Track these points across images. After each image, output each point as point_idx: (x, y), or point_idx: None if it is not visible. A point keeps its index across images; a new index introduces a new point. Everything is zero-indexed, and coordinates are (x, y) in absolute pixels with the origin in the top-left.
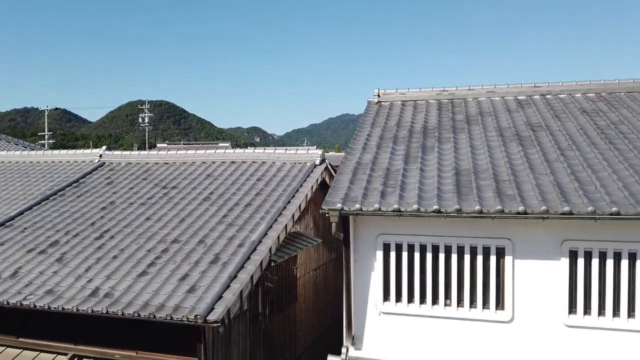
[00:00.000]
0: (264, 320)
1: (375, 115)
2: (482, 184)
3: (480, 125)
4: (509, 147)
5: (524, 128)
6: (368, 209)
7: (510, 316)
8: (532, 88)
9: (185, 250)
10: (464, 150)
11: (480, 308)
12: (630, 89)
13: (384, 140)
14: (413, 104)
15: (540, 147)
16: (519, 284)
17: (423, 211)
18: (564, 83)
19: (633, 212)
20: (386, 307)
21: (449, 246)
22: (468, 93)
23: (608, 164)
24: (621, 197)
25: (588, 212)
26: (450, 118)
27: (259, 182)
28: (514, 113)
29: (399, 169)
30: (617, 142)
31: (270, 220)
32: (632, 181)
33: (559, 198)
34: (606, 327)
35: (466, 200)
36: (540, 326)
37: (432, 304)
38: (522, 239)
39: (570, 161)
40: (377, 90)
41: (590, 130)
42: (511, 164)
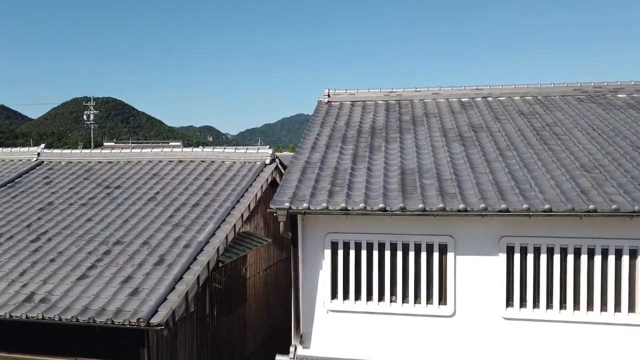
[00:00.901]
0: (212, 321)
1: (325, 115)
2: (425, 182)
3: (425, 125)
4: (451, 147)
5: (466, 129)
6: (316, 208)
7: (452, 311)
8: (474, 90)
9: (129, 252)
10: (410, 150)
11: (424, 303)
12: (564, 92)
13: (333, 139)
14: (362, 104)
15: (481, 148)
16: (460, 279)
17: (369, 210)
18: (504, 86)
19: (564, 209)
20: (334, 305)
21: (395, 244)
22: (415, 94)
23: (542, 163)
24: (553, 195)
25: (523, 210)
26: (397, 119)
27: (207, 182)
28: (458, 114)
29: (347, 168)
30: (551, 143)
31: (218, 220)
32: (563, 180)
33: (497, 196)
34: (541, 319)
35: (410, 199)
36: (480, 319)
37: (378, 301)
38: (463, 235)
39: (508, 161)
40: (327, 90)
41: (527, 132)
42: (453, 164)
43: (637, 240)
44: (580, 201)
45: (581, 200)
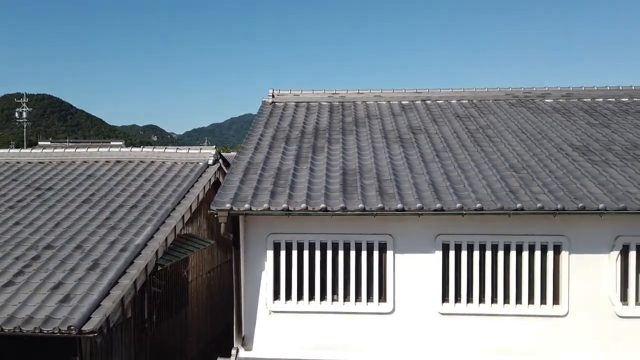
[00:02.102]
0: (150, 326)
1: (269, 115)
2: (366, 183)
3: (367, 127)
4: (391, 149)
5: (405, 131)
6: (257, 208)
7: (392, 307)
8: (414, 94)
9: (60, 257)
10: (352, 151)
11: (365, 301)
12: (497, 97)
13: (277, 140)
14: (306, 105)
15: (419, 149)
16: (399, 276)
17: (311, 210)
18: (442, 90)
19: (494, 207)
20: (276, 306)
21: (336, 243)
22: (358, 96)
23: (475, 164)
24: (485, 194)
25: (456, 209)
26: (340, 120)
27: (146, 183)
28: (398, 117)
29: (290, 169)
30: (484, 145)
31: (158, 223)
32: (494, 180)
33: (432, 196)
34: (474, 313)
35: (351, 199)
36: (417, 315)
37: (320, 300)
38: (401, 234)
39: (444, 162)
40: (271, 90)
41: (463, 134)
42: (393, 165)
43: (560, 237)
44: (509, 200)
45: (510, 199)
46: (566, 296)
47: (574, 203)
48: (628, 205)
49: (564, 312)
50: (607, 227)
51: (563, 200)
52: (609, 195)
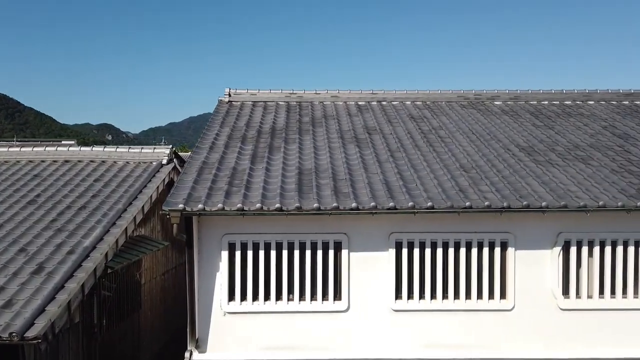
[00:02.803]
0: (100, 331)
1: (226, 114)
2: (322, 182)
3: (324, 127)
4: (347, 149)
5: (361, 131)
6: (211, 209)
7: (347, 305)
8: (370, 95)
9: (2, 261)
10: (308, 150)
11: (320, 300)
12: (449, 98)
13: (233, 139)
14: (263, 104)
15: (374, 149)
16: (354, 275)
17: (266, 210)
18: (397, 91)
19: (444, 206)
20: (231, 307)
21: (292, 243)
22: (315, 97)
23: (428, 164)
24: (436, 193)
25: (409, 207)
26: (297, 120)
27: (96, 183)
28: (354, 117)
29: (246, 168)
30: (436, 146)
31: (108, 224)
32: (445, 179)
33: (386, 195)
34: (426, 309)
35: (306, 199)
36: (371, 312)
37: (276, 300)
38: (356, 233)
39: (397, 162)
40: (228, 89)
41: (416, 135)
42: (348, 164)
43: (507, 234)
44: (458, 199)
45: (459, 198)
46: (512, 291)
47: (518, 201)
48: (568, 203)
49: (511, 306)
50: (550, 224)
51: (509, 198)
52: (551, 194)
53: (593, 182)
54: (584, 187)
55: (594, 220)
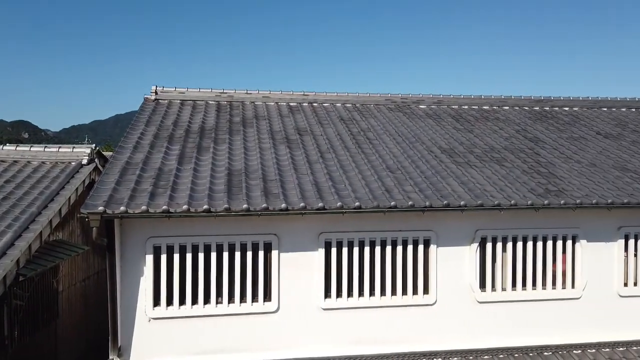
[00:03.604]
0: (11, 343)
1: (152, 113)
2: (251, 183)
3: (255, 127)
4: (278, 150)
5: (292, 132)
6: (135, 211)
7: (277, 306)
8: (302, 96)
9: None
10: (238, 151)
11: (250, 302)
12: (377, 101)
13: (159, 139)
14: (192, 103)
15: (305, 150)
16: (284, 275)
17: (193, 211)
18: (327, 93)
19: (371, 206)
20: (157, 313)
21: (221, 245)
22: (246, 96)
23: (356, 165)
24: (363, 193)
25: (337, 207)
26: (227, 120)
27: (7, 185)
28: (285, 118)
29: (172, 169)
30: (364, 147)
31: (20, 229)
32: (372, 180)
33: (315, 195)
34: (355, 307)
35: (236, 200)
36: (301, 312)
37: (204, 304)
38: (286, 233)
39: (327, 162)
40: (154, 87)
41: (345, 136)
42: (279, 165)
43: (430, 232)
44: (384, 199)
45: (385, 198)
46: (434, 286)
47: (439, 201)
48: (484, 202)
49: (433, 301)
50: (468, 221)
51: (431, 198)
52: (469, 193)
53: (506, 182)
54: (498, 187)
55: (507, 217)
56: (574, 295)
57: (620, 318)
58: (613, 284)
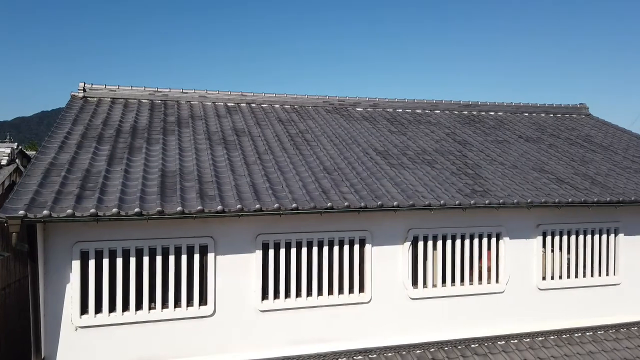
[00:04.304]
0: None
1: (79, 111)
2: (186, 185)
3: (190, 128)
4: (215, 150)
5: (230, 133)
6: (59, 215)
7: (213, 310)
8: (240, 96)
9: None
10: (173, 152)
11: (185, 306)
12: (315, 103)
13: (87, 139)
14: (124, 102)
15: (242, 151)
16: (220, 278)
17: (124, 215)
18: (266, 94)
19: (308, 207)
20: (84, 321)
21: (154, 248)
22: (182, 95)
23: (294, 166)
24: (301, 195)
25: (274, 209)
26: (161, 119)
27: None
28: (223, 118)
29: (101, 170)
30: (302, 148)
31: None
32: (310, 181)
33: (252, 197)
34: (292, 307)
35: (169, 202)
36: (239, 315)
37: (135, 310)
38: (223, 235)
39: (265, 164)
40: (82, 84)
41: (284, 137)
42: (215, 166)
43: (365, 232)
44: (321, 200)
45: (322, 199)
46: (370, 284)
47: (374, 201)
48: (416, 202)
49: (368, 299)
50: (401, 221)
51: (366, 199)
52: (402, 194)
53: (436, 183)
54: (429, 187)
55: (437, 217)
56: (498, 290)
57: (539, 310)
58: (533, 278)
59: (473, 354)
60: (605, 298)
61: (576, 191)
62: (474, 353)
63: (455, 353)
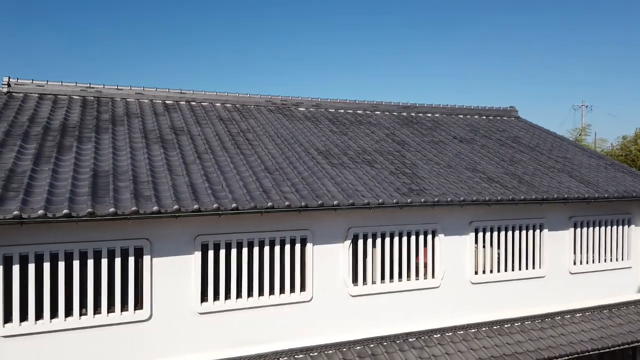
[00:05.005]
0: None
1: (3, 107)
2: (120, 185)
3: (126, 126)
4: (151, 150)
5: (168, 131)
6: None
7: (149, 314)
8: (179, 94)
9: None
10: (106, 151)
11: (119, 311)
12: (258, 102)
13: (11, 137)
14: (53, 98)
15: (181, 150)
16: (157, 281)
17: (51, 217)
18: (206, 92)
19: (248, 206)
20: (8, 330)
21: (85, 252)
22: (117, 92)
23: (234, 166)
24: (241, 194)
25: (213, 209)
26: (94, 117)
27: None
28: (160, 116)
29: (27, 170)
30: (243, 148)
31: None
32: (250, 181)
33: (191, 197)
34: (232, 309)
35: (101, 203)
36: (177, 318)
37: (65, 317)
38: (159, 237)
39: (204, 163)
40: (7, 78)
41: (224, 136)
42: (152, 166)
43: (306, 231)
44: (262, 199)
45: (262, 198)
46: (311, 283)
47: (315, 201)
48: (355, 201)
49: (310, 297)
50: (341, 220)
51: (307, 198)
52: (342, 193)
53: (375, 182)
54: (368, 187)
55: (376, 215)
56: (434, 285)
57: (472, 303)
58: (466, 273)
59: (410, 347)
60: (531, 290)
61: (505, 190)
62: (411, 347)
63: (393, 347)
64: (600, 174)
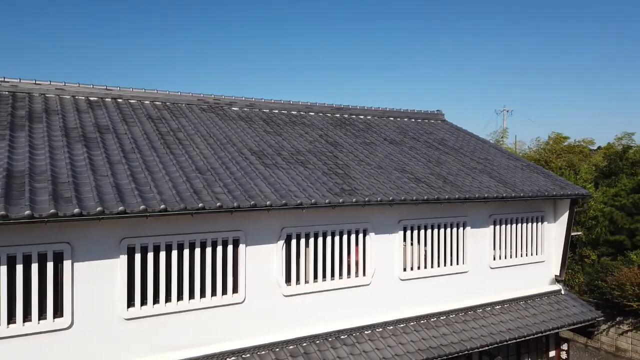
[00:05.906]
0: None
1: None
2: (37, 186)
3: (44, 123)
4: (73, 148)
5: (91, 129)
6: None
7: (70, 322)
8: (104, 90)
9: None
10: (22, 150)
11: (37, 320)
12: (189, 101)
13: None
14: None
15: (105, 149)
16: (80, 287)
17: None
18: (134, 89)
19: (178, 208)
20: None
21: None
22: (34, 87)
23: (164, 166)
24: (170, 195)
25: (140, 211)
26: (9, 113)
27: None
28: (84, 114)
29: None
30: (173, 147)
31: None
32: (180, 181)
33: (116, 199)
34: (161, 313)
35: (16, 205)
36: (100, 325)
37: None
38: (81, 240)
39: (131, 163)
40: None
41: (153, 136)
42: (73, 166)
43: (239, 232)
44: (192, 200)
45: (193, 199)
46: (243, 284)
47: (247, 201)
48: (288, 202)
49: (242, 299)
50: (275, 220)
51: (239, 199)
52: (275, 194)
53: (309, 182)
54: (301, 187)
55: (309, 215)
56: (365, 282)
57: (401, 299)
58: (395, 270)
59: (342, 344)
60: (456, 285)
61: (431, 189)
62: (343, 344)
63: (326, 345)
64: (517, 175)
